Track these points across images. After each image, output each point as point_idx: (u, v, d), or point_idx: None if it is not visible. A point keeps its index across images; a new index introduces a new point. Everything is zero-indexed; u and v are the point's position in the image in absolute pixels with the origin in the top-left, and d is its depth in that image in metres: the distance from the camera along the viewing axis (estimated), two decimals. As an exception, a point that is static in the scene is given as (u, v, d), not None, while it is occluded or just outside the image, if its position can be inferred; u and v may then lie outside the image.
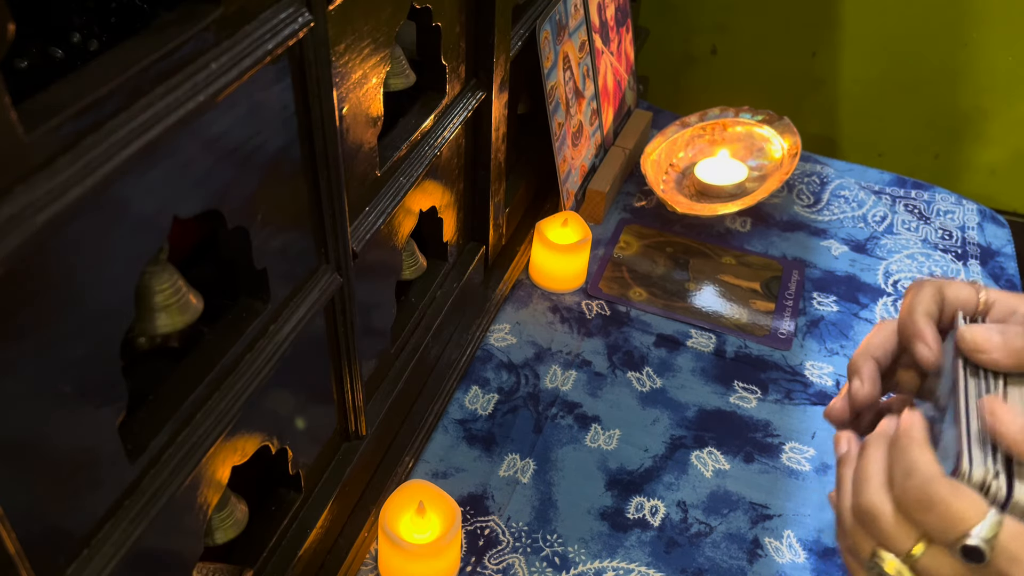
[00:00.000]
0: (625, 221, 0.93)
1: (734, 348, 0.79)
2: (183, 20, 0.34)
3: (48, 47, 0.36)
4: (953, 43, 1.32)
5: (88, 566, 0.35)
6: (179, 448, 0.40)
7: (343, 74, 0.47)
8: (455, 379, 0.73)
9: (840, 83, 1.42)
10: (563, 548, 0.63)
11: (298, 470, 0.53)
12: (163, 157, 0.34)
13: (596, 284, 0.85)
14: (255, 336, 0.45)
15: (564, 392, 0.74)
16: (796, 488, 0.67)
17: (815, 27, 1.38)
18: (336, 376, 0.55)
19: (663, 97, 1.48)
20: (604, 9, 0.95)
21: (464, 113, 0.65)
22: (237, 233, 0.41)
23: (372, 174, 0.54)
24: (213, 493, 0.44)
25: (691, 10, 1.43)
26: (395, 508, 0.58)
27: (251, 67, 0.37)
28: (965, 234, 0.94)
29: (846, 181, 1.00)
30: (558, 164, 0.85)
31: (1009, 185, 1.43)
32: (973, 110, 1.38)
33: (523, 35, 0.74)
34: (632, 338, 0.79)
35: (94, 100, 0.30)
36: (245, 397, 0.43)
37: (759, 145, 0.97)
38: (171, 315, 0.39)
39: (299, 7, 0.40)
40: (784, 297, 0.84)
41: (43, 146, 0.28)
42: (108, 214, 0.32)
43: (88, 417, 0.34)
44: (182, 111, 0.33)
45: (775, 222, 0.94)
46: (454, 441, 0.69)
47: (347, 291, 0.51)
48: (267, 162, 0.41)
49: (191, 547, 0.43)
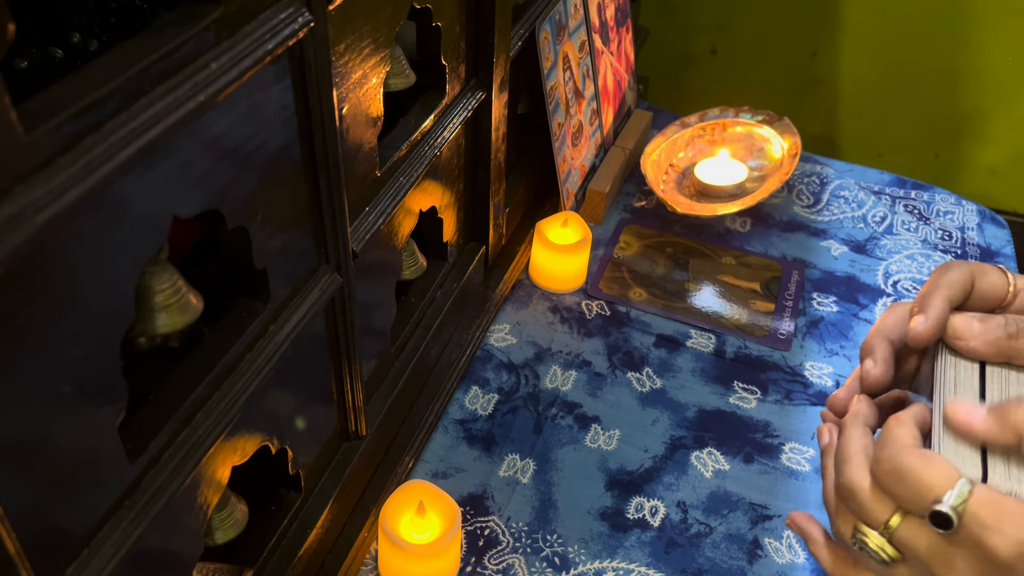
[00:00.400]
0: (625, 221, 0.93)
1: (734, 348, 0.79)
2: (183, 20, 0.34)
3: (48, 47, 0.36)
4: (953, 43, 1.32)
5: (88, 566, 0.35)
6: (179, 448, 0.40)
7: (343, 74, 0.47)
8: (455, 379, 0.73)
9: (840, 83, 1.42)
10: (563, 548, 0.63)
11: (298, 470, 0.53)
12: (163, 157, 0.34)
13: (596, 284, 0.85)
14: (255, 336, 0.45)
15: (564, 392, 0.74)
16: (796, 489, 0.67)
17: (815, 27, 1.38)
18: (336, 376, 0.55)
19: (663, 97, 1.48)
20: (604, 9, 0.95)
21: (464, 113, 0.65)
22: (237, 233, 0.41)
23: (372, 174, 0.54)
24: (213, 493, 0.44)
25: (691, 10, 1.43)
26: (395, 508, 0.58)
27: (251, 67, 0.37)
28: (965, 234, 0.94)
29: (846, 181, 1.00)
30: (558, 164, 0.85)
31: (1009, 185, 1.43)
32: (973, 110, 1.38)
33: (523, 35, 0.74)
34: (632, 338, 0.79)
35: (94, 100, 0.30)
36: (245, 397, 0.43)
37: (759, 145, 0.97)
38: (171, 315, 0.39)
39: (299, 7, 0.40)
40: (784, 297, 0.84)
41: (43, 146, 0.28)
42: (108, 214, 0.32)
43: (88, 417, 0.34)
44: (182, 111, 0.33)
45: (775, 222, 0.94)
46: (454, 441, 0.69)
47: (347, 291, 0.51)
48: (267, 162, 0.41)
49: (191, 547, 0.43)
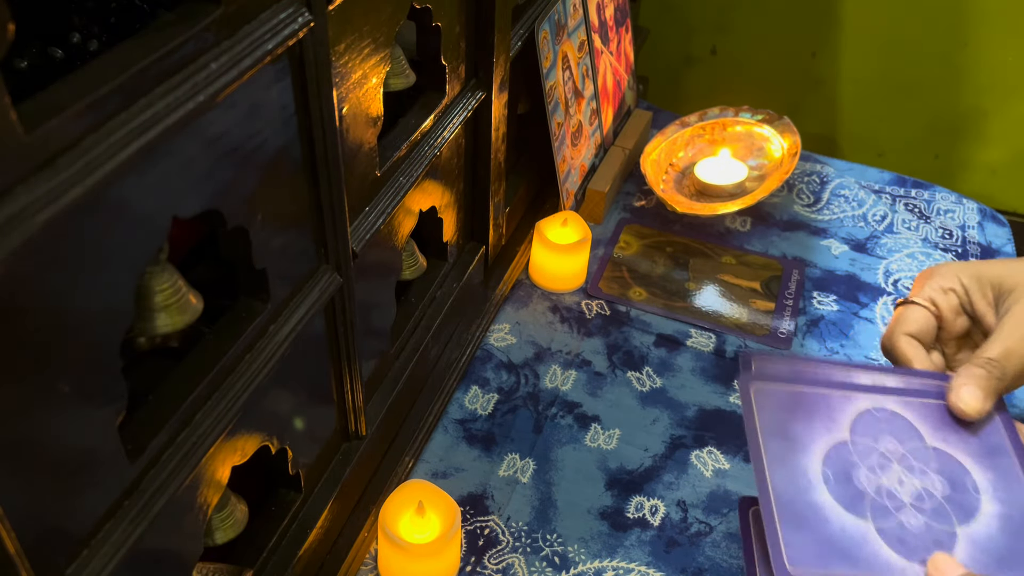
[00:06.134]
0: (625, 221, 0.93)
1: (734, 348, 0.79)
2: (183, 20, 0.34)
3: (48, 47, 0.36)
4: (953, 43, 1.32)
5: (88, 566, 0.35)
6: (179, 448, 0.40)
7: (343, 74, 0.47)
8: (455, 379, 0.73)
9: (840, 83, 1.42)
10: (563, 548, 0.63)
11: (298, 470, 0.53)
12: (163, 157, 0.34)
13: (596, 284, 0.85)
14: (255, 336, 0.45)
15: (564, 392, 0.74)
16: (796, 488, 0.67)
17: (815, 27, 1.38)
18: (336, 376, 0.55)
19: (663, 97, 1.48)
20: (603, 9, 0.95)
21: (464, 113, 0.65)
22: (237, 233, 0.41)
23: (372, 174, 0.54)
24: (213, 493, 0.44)
25: (691, 10, 1.43)
26: (395, 508, 0.58)
27: (251, 67, 0.37)
28: (965, 233, 0.94)
29: (846, 180, 1.00)
30: (557, 164, 0.85)
31: (1009, 185, 1.43)
32: (973, 110, 1.37)
33: (523, 35, 0.74)
34: (632, 338, 0.79)
35: (94, 100, 0.30)
36: (245, 397, 0.43)
37: (759, 145, 0.97)
38: (171, 315, 0.39)
39: (299, 7, 0.40)
40: (784, 296, 0.84)
41: (43, 146, 0.28)
42: (108, 214, 0.32)
43: (88, 417, 0.34)
44: (182, 111, 0.33)
45: (775, 221, 0.94)
46: (454, 441, 0.69)
47: (347, 291, 0.51)
48: (267, 162, 0.41)
49: (191, 547, 0.43)
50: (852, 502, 0.48)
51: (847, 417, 0.52)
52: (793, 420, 0.51)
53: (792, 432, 0.51)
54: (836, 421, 0.51)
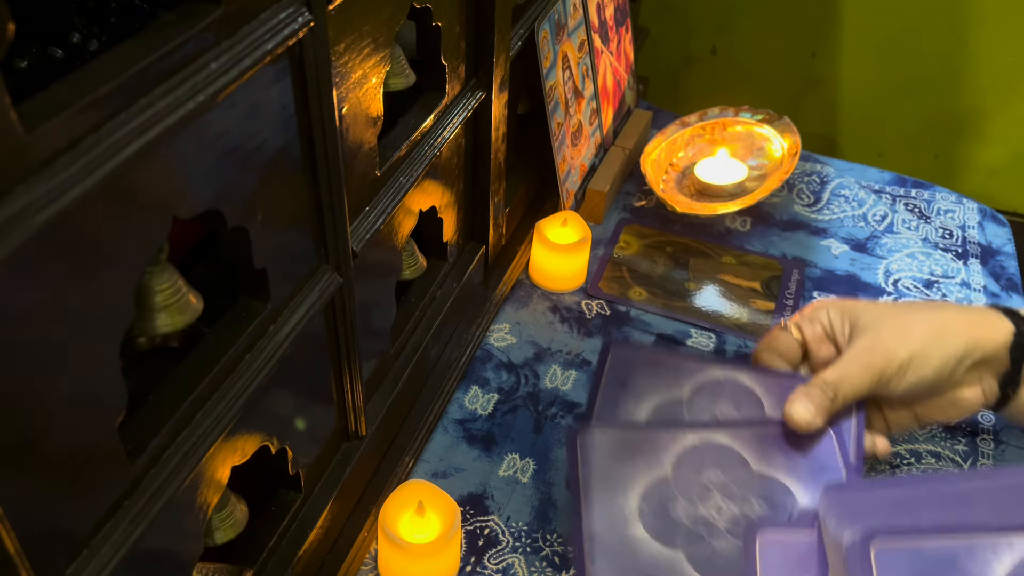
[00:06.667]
0: (625, 221, 0.93)
1: (734, 348, 0.79)
2: (183, 20, 0.34)
3: (48, 47, 0.36)
4: (953, 43, 1.32)
5: (88, 566, 0.35)
6: (179, 448, 0.40)
7: (343, 74, 0.47)
8: (455, 379, 0.73)
9: (840, 83, 1.42)
10: (563, 548, 0.63)
11: (298, 470, 0.53)
12: (163, 157, 0.34)
13: (596, 284, 0.85)
14: (255, 336, 0.45)
15: (564, 392, 0.74)
16: (796, 488, 0.67)
17: (815, 27, 1.38)
18: (336, 376, 0.55)
19: (663, 97, 1.48)
20: (603, 9, 0.95)
21: (464, 113, 0.65)
22: (237, 233, 0.41)
23: (372, 174, 0.54)
24: (213, 493, 0.44)
25: (691, 10, 1.43)
26: (395, 508, 0.58)
27: (251, 67, 0.37)
28: (965, 233, 0.94)
29: (846, 180, 1.00)
30: (557, 164, 0.85)
31: (1009, 185, 1.43)
32: (973, 110, 1.38)
33: (523, 35, 0.74)
34: (632, 338, 0.79)
35: (94, 100, 0.30)
36: (245, 397, 0.43)
37: (759, 144, 0.97)
38: (171, 315, 0.39)
39: (299, 7, 0.40)
40: (784, 296, 0.84)
41: (43, 146, 0.28)
42: (108, 214, 0.32)
43: (88, 417, 0.34)
44: (182, 111, 0.33)
45: (775, 221, 0.94)
46: (454, 441, 0.69)
47: (347, 291, 0.51)
48: (267, 162, 0.41)
49: (191, 547, 0.43)
50: (664, 533, 0.52)
51: (671, 454, 0.55)
52: (618, 462, 0.55)
53: (616, 473, 0.55)
54: (659, 459, 0.55)
